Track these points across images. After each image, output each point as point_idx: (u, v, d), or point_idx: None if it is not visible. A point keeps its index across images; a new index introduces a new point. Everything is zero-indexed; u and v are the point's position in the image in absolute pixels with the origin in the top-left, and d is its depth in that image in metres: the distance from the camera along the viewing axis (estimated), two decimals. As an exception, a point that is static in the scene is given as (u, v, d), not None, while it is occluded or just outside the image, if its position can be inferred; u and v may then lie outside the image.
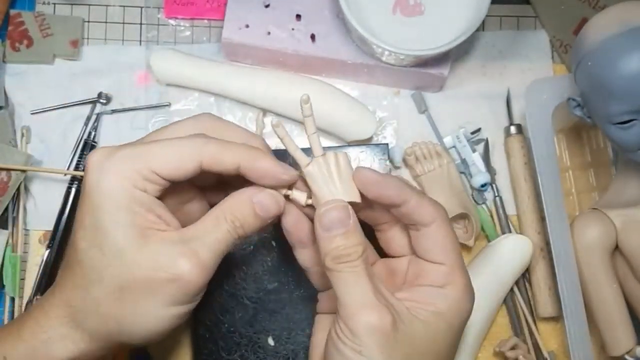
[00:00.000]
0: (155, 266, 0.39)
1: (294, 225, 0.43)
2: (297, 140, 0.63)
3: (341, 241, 0.38)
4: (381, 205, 0.42)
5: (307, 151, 0.42)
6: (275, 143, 0.63)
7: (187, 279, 0.39)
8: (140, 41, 0.65)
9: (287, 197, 0.42)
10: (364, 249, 0.39)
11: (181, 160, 0.40)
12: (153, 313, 0.39)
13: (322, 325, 0.45)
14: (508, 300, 0.61)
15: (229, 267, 0.56)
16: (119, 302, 0.39)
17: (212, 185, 0.46)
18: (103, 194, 0.39)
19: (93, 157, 0.40)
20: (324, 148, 0.59)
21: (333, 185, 0.40)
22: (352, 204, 0.40)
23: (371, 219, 0.44)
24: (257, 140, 0.44)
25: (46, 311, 0.41)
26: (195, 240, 0.40)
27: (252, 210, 0.41)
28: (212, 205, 0.43)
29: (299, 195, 0.41)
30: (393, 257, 0.45)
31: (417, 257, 0.42)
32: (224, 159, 0.40)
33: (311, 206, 0.41)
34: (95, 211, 0.39)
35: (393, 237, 0.44)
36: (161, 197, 0.41)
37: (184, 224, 0.42)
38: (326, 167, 0.40)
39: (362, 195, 0.41)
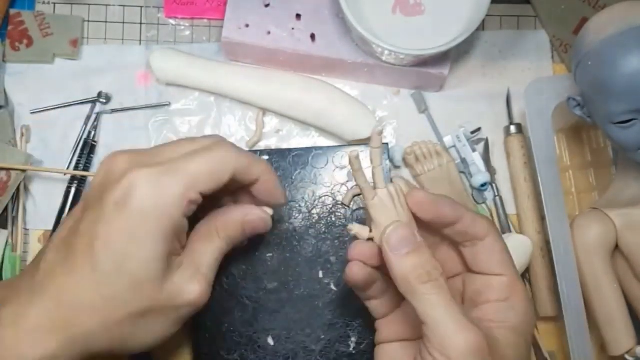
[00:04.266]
0: (171, 295, 0.41)
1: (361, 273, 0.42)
2: (298, 140, 0.63)
3: (415, 259, 0.37)
4: (436, 225, 0.42)
5: (305, 150, 0.41)
6: (274, 143, 0.63)
7: (199, 302, 0.43)
8: (140, 41, 0.65)
9: (350, 232, 0.42)
10: (441, 270, 0.38)
11: (220, 175, 0.42)
12: (161, 332, 0.42)
13: (388, 357, 0.44)
14: (508, 300, 0.61)
15: (229, 266, 0.56)
16: (130, 326, 0.40)
17: None
18: (145, 220, 0.39)
19: (136, 178, 0.39)
20: (326, 148, 0.59)
21: (396, 215, 0.40)
22: None
23: None
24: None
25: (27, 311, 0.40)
26: (199, 262, 0.43)
27: (242, 228, 0.45)
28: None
29: (361, 230, 0.41)
30: None
31: (473, 273, 0.42)
32: (252, 171, 0.43)
33: (372, 239, 0.41)
34: (128, 235, 0.39)
35: (441, 260, 0.41)
36: None
37: None
38: (389, 198, 0.40)
39: (416, 218, 0.41)
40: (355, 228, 0.41)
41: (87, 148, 0.61)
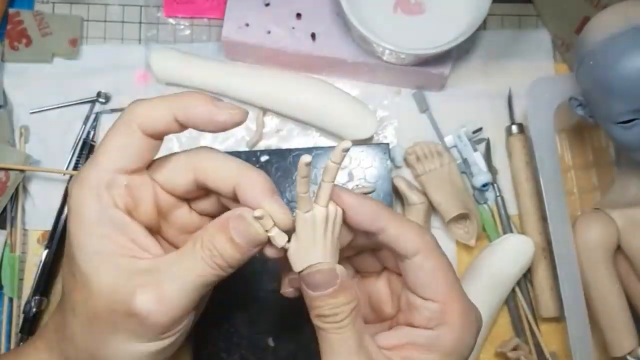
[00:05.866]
0: (115, 299, 0.35)
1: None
2: (298, 140, 0.63)
3: (328, 300, 0.35)
4: (359, 233, 0.38)
5: (305, 150, 0.41)
6: (274, 143, 0.63)
7: (144, 315, 0.35)
8: (140, 40, 0.65)
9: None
10: (354, 307, 0.35)
11: (125, 135, 0.37)
12: (121, 349, 0.36)
13: None
14: (509, 301, 0.60)
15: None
16: (89, 334, 0.36)
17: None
18: (74, 216, 0.36)
19: (71, 185, 0.37)
20: (326, 148, 0.59)
21: (320, 242, 0.36)
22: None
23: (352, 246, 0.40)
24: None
25: (34, 340, 0.40)
26: (163, 271, 0.35)
27: (228, 237, 0.36)
28: None
29: (279, 237, 0.37)
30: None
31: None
32: (156, 113, 0.37)
33: (285, 250, 0.37)
34: (69, 237, 0.37)
35: (380, 258, 0.40)
36: (151, 222, 0.39)
37: None
38: (323, 221, 0.36)
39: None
40: (274, 231, 0.36)
41: (86, 148, 0.61)
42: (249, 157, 0.58)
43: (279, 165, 0.58)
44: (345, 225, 0.37)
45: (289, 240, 0.37)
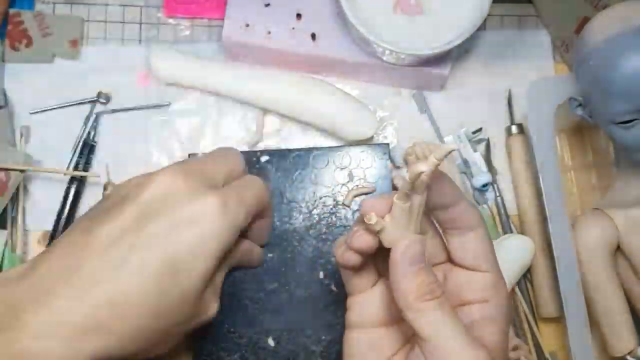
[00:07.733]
0: (200, 311, 0.44)
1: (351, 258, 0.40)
2: (298, 140, 0.63)
3: (423, 277, 0.36)
4: (431, 206, 0.38)
5: (305, 150, 0.40)
6: (274, 143, 0.63)
7: (212, 317, 0.47)
8: (140, 40, 0.65)
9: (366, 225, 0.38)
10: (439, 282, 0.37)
11: (263, 199, 0.48)
12: (175, 342, 0.44)
13: (358, 349, 0.41)
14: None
15: (229, 267, 0.56)
16: (160, 336, 0.41)
17: None
18: (210, 239, 0.42)
19: (210, 202, 0.42)
20: (327, 148, 0.59)
21: (413, 223, 0.37)
22: None
23: None
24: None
25: None
26: (217, 280, 0.47)
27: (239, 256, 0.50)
28: None
29: (378, 223, 0.37)
30: None
31: (456, 266, 0.40)
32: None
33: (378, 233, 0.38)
34: (191, 252, 0.41)
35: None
36: None
37: None
38: (417, 207, 0.37)
39: None
40: (373, 219, 0.37)
41: (87, 148, 0.61)
42: (249, 157, 0.58)
43: (279, 166, 0.58)
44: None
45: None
